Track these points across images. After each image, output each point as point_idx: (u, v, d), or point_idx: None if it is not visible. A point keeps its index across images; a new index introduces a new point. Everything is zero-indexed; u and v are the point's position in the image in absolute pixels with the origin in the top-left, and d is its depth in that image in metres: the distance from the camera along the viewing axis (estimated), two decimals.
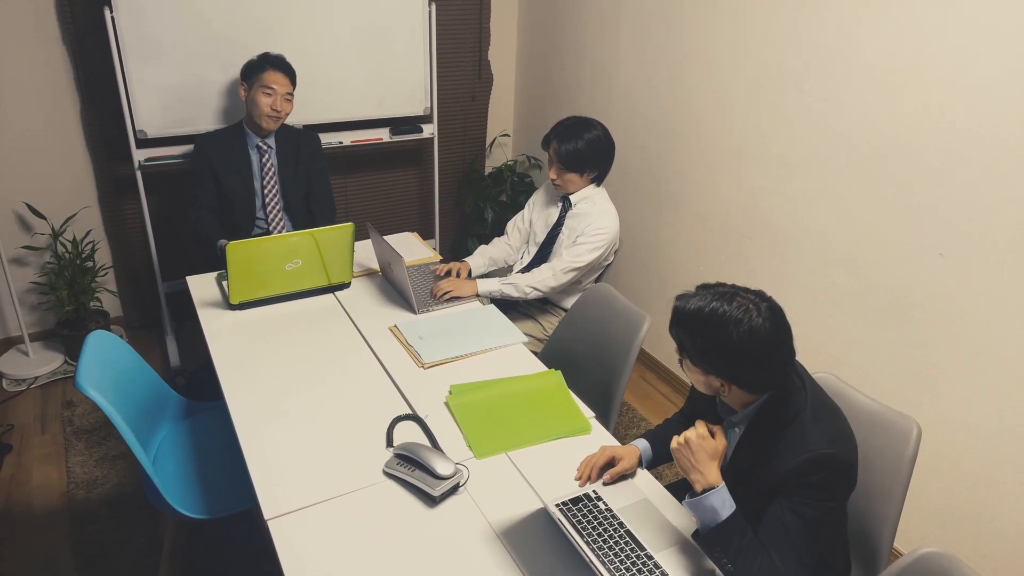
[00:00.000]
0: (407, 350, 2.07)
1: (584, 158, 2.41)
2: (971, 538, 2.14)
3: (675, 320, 1.40)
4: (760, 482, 1.39)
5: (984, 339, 2.01)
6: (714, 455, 1.38)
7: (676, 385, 3.26)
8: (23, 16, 2.92)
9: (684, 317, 1.38)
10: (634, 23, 3.10)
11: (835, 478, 1.36)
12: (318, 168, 2.96)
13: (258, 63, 2.73)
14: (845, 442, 1.38)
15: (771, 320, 1.32)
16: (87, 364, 1.75)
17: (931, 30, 1.99)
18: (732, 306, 1.32)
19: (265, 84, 2.69)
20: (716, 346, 1.34)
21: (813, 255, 2.48)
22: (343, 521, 1.47)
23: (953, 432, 2.13)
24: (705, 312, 1.34)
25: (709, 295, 1.36)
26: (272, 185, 2.84)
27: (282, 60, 2.75)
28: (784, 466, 1.35)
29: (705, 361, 1.38)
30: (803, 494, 1.34)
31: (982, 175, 1.94)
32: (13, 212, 3.16)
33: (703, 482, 1.36)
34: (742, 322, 1.31)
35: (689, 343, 1.38)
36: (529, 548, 1.43)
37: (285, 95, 2.72)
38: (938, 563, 1.26)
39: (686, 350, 1.41)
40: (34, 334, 3.36)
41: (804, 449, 1.34)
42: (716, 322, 1.32)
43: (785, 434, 1.38)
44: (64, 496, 2.52)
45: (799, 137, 2.45)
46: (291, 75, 2.75)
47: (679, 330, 1.40)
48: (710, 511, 1.35)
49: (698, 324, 1.35)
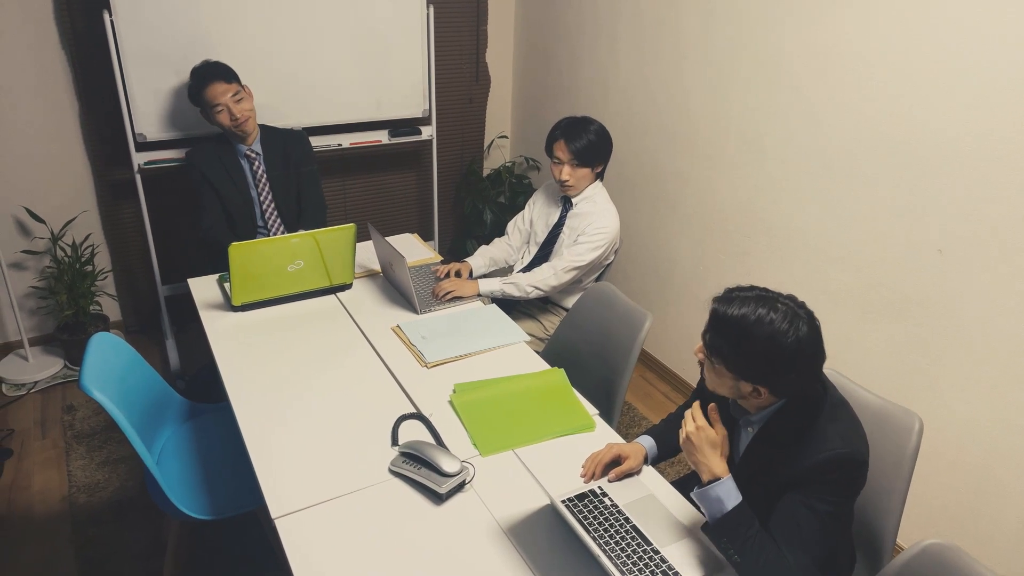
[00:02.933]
0: (410, 350, 2.08)
1: (597, 149, 2.42)
2: (972, 532, 2.15)
3: (715, 326, 1.34)
4: (774, 480, 1.39)
5: (983, 335, 2.03)
6: (715, 445, 1.38)
7: (676, 384, 3.27)
8: (22, 21, 2.92)
9: (726, 323, 1.32)
10: (631, 24, 3.11)
11: (851, 477, 1.36)
12: (308, 171, 2.89)
13: (192, 88, 2.67)
14: (860, 441, 1.38)
15: (812, 327, 1.30)
16: (91, 366, 1.75)
17: (928, 28, 2.01)
18: (778, 315, 1.29)
19: (209, 103, 2.62)
20: (761, 354, 1.30)
21: (812, 252, 2.50)
22: (350, 519, 1.47)
23: (953, 427, 2.15)
24: (751, 319, 1.29)
25: (751, 301, 1.32)
26: (266, 192, 2.81)
27: (209, 69, 2.66)
28: (801, 464, 1.35)
29: (745, 367, 1.34)
30: (817, 490, 1.33)
31: (980, 172, 1.96)
32: (12, 216, 3.15)
33: (708, 473, 1.38)
34: (788, 332, 1.28)
35: (731, 350, 1.33)
36: (536, 544, 1.43)
37: (233, 98, 2.63)
38: (942, 554, 1.27)
39: (723, 356, 1.35)
40: (34, 339, 3.35)
41: (822, 448, 1.33)
42: (764, 331, 1.28)
43: (802, 434, 1.37)
44: (66, 500, 2.51)
45: (797, 136, 2.46)
46: (226, 76, 2.64)
47: (719, 336, 1.34)
48: (715, 502, 1.36)
49: (743, 331, 1.30)
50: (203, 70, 2.67)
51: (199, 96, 2.66)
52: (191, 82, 2.69)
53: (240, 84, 2.69)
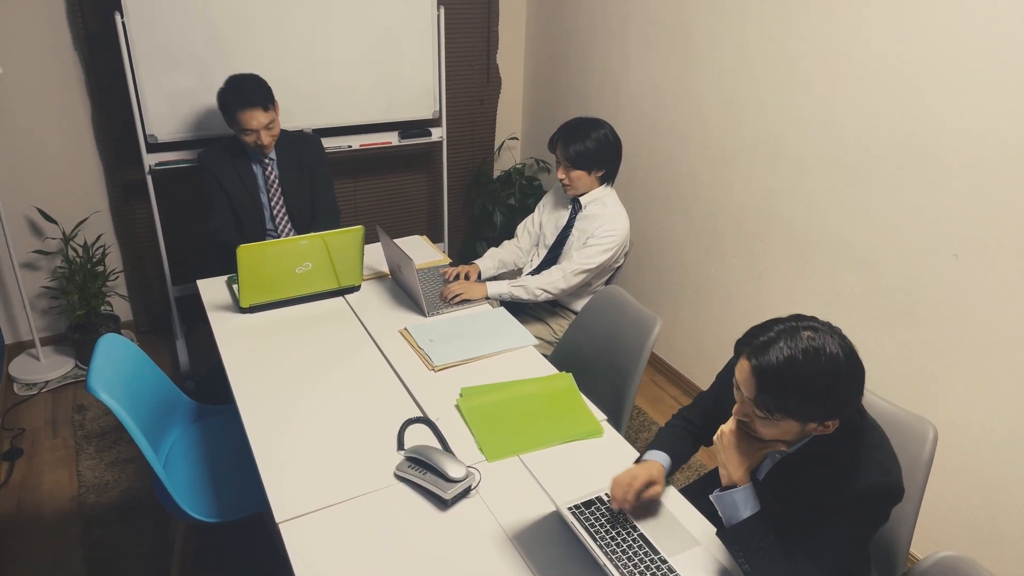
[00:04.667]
0: (417, 353, 2.07)
1: (591, 155, 2.40)
2: (987, 542, 2.11)
3: (764, 384, 1.24)
4: (802, 503, 1.34)
5: (998, 341, 1.99)
6: (744, 453, 1.35)
7: (686, 388, 3.24)
8: (35, 22, 2.94)
9: (776, 375, 1.22)
10: (642, 25, 3.09)
11: (888, 506, 1.32)
12: (321, 174, 2.86)
13: (228, 103, 2.55)
14: (896, 468, 1.32)
15: (847, 354, 1.24)
16: (99, 367, 1.75)
17: (945, 29, 1.98)
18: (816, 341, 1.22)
19: (242, 127, 2.55)
20: (824, 388, 1.22)
21: (825, 256, 2.47)
22: (354, 524, 1.46)
23: (967, 435, 2.11)
24: (800, 360, 1.21)
25: (784, 344, 1.22)
26: (278, 197, 2.78)
27: (249, 91, 2.54)
28: (836, 491, 1.29)
29: (811, 410, 1.25)
30: (851, 516, 1.29)
31: (997, 175, 1.92)
32: (24, 217, 3.17)
33: (727, 478, 1.36)
34: (838, 354, 1.22)
35: (793, 401, 1.24)
36: (541, 552, 1.41)
37: (266, 127, 2.57)
38: (957, 567, 1.24)
39: (786, 409, 1.25)
40: (45, 338, 3.37)
41: (859, 477, 1.28)
42: (817, 365, 1.21)
43: (837, 460, 1.32)
44: (75, 500, 2.52)
45: (810, 138, 2.43)
46: (263, 102, 2.55)
47: (771, 393, 1.24)
48: (731, 507, 1.35)
49: (786, 383, 1.22)
50: (243, 89, 2.55)
51: (232, 114, 2.56)
52: (226, 96, 2.57)
53: (275, 105, 2.61)
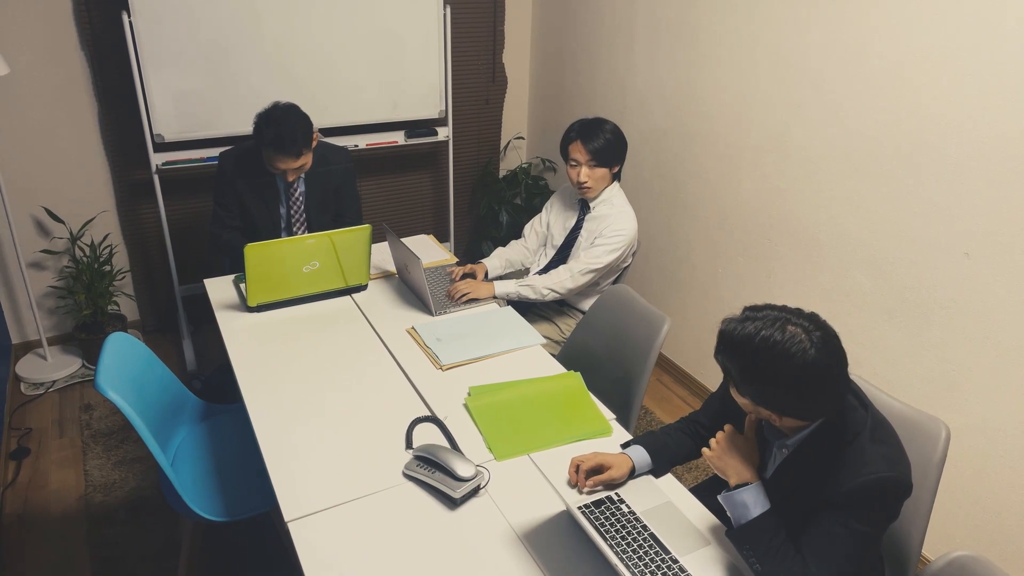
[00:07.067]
0: (425, 352, 2.06)
1: (614, 149, 2.40)
2: (999, 542, 2.09)
3: (722, 347, 1.30)
4: (806, 501, 1.34)
5: (1010, 340, 1.98)
6: (741, 450, 1.36)
7: (694, 388, 3.23)
8: (42, 22, 2.94)
9: (732, 345, 1.28)
10: (648, 24, 3.08)
11: (895, 501, 1.31)
12: (348, 191, 2.74)
13: (265, 138, 2.38)
14: (905, 466, 1.31)
15: (825, 350, 1.22)
16: (107, 366, 1.75)
17: (954, 26, 1.96)
18: (784, 335, 1.22)
19: (274, 165, 2.44)
20: (765, 379, 1.25)
21: (835, 255, 2.45)
22: (363, 523, 1.45)
23: (980, 434, 2.09)
24: (755, 342, 1.24)
25: (759, 322, 1.25)
26: (299, 211, 2.67)
27: (287, 143, 2.36)
28: (842, 485, 1.28)
29: (754, 393, 1.29)
30: (858, 511, 1.28)
31: (1008, 173, 1.91)
32: (31, 216, 3.18)
33: (736, 476, 1.36)
34: (795, 356, 1.21)
35: (736, 373, 1.29)
36: (551, 551, 1.41)
37: (297, 169, 2.46)
38: (971, 567, 1.23)
39: (733, 379, 1.31)
40: (52, 338, 3.38)
41: (864, 471, 1.27)
42: (767, 355, 1.23)
43: (842, 455, 1.31)
44: (82, 499, 2.52)
45: (819, 136, 2.42)
46: (298, 151, 2.39)
47: (726, 358, 1.30)
48: (740, 506, 1.34)
49: (747, 355, 1.25)
50: (283, 137, 2.36)
51: (265, 150, 2.41)
52: (266, 130, 2.37)
53: (310, 150, 2.48)
